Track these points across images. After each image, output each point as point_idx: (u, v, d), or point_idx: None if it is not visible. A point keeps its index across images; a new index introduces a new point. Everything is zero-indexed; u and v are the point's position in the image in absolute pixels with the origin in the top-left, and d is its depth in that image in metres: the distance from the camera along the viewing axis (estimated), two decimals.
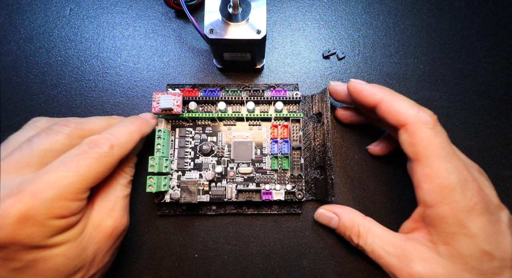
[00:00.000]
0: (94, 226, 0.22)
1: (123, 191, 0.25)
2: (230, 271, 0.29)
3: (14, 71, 0.32)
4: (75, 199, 0.20)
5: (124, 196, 0.25)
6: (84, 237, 0.21)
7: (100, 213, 0.23)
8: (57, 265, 0.19)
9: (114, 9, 0.34)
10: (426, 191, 0.22)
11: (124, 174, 0.25)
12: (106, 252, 0.23)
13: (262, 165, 0.30)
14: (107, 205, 0.23)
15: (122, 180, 0.25)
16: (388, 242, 0.24)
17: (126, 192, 0.25)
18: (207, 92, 0.30)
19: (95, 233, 0.22)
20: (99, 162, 0.21)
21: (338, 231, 0.27)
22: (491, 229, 0.21)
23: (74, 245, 0.20)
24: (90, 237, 0.21)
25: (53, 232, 0.19)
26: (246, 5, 0.26)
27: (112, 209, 0.23)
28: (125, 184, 0.25)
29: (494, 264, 0.20)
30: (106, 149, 0.21)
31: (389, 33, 0.34)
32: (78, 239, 0.20)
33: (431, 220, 0.22)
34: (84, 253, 0.21)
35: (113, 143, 0.22)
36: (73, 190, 0.19)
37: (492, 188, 0.24)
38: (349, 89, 0.26)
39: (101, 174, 0.21)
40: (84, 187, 0.20)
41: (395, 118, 0.23)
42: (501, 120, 0.32)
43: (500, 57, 0.34)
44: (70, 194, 0.19)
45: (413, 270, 0.22)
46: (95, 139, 0.22)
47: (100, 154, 0.21)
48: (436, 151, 0.21)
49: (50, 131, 0.22)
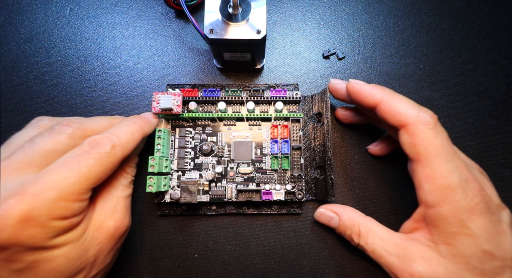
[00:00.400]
0: (96, 227, 0.22)
1: (124, 191, 0.24)
2: (230, 271, 0.29)
3: (14, 71, 0.32)
4: (76, 199, 0.20)
5: (125, 196, 0.24)
6: (86, 238, 0.21)
7: (102, 214, 0.23)
8: (58, 266, 0.19)
9: (114, 9, 0.34)
10: (427, 191, 0.22)
11: (125, 174, 0.25)
12: (108, 253, 0.23)
13: (262, 165, 0.30)
14: (109, 205, 0.23)
15: (124, 180, 0.25)
16: (389, 241, 0.24)
17: (127, 192, 0.25)
18: (207, 92, 0.30)
19: (97, 234, 0.22)
20: (101, 162, 0.21)
21: (338, 230, 0.27)
22: (492, 228, 0.21)
23: (76, 246, 0.20)
24: (92, 238, 0.21)
25: (54, 233, 0.19)
26: (246, 5, 0.26)
27: (114, 209, 0.23)
28: (126, 184, 0.25)
29: (495, 264, 0.20)
30: (107, 149, 0.21)
31: (389, 33, 0.34)
32: (80, 240, 0.20)
33: (432, 220, 0.22)
34: (85, 254, 0.21)
35: (114, 143, 0.22)
36: (75, 191, 0.19)
37: (493, 188, 0.24)
38: (348, 90, 0.26)
39: (102, 174, 0.21)
40: (85, 187, 0.20)
41: (395, 119, 0.23)
42: (501, 120, 0.32)
43: (500, 57, 0.34)
44: (72, 195, 0.19)
45: (414, 269, 0.22)
46: (97, 138, 0.22)
47: (102, 154, 0.21)
48: (437, 151, 0.21)
49: (53, 132, 0.22)
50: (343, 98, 0.28)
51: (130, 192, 0.25)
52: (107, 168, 0.21)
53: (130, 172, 0.26)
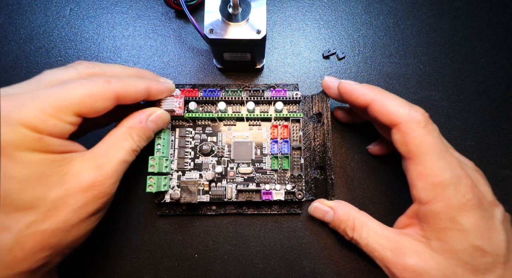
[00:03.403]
0: (72, 172, 0.19)
1: (122, 154, 0.22)
2: (230, 271, 0.29)
3: (14, 71, 0.32)
4: (54, 116, 0.19)
5: (121, 160, 0.22)
6: (53, 171, 0.19)
7: (86, 164, 0.20)
8: (7, 184, 0.17)
9: (114, 9, 0.34)
10: (420, 189, 0.22)
11: (130, 138, 0.23)
12: (72, 209, 0.19)
13: (262, 165, 0.30)
14: (98, 159, 0.21)
15: (126, 143, 0.23)
16: (382, 235, 0.24)
17: (125, 157, 0.22)
18: (207, 92, 0.30)
19: (69, 178, 0.19)
20: (90, 87, 0.20)
21: (332, 224, 0.27)
22: (483, 225, 0.21)
23: (37, 170, 0.18)
24: (59, 177, 0.19)
25: (23, 142, 0.18)
26: (246, 5, 0.26)
27: (101, 165, 0.21)
28: (127, 149, 0.23)
29: (487, 260, 0.21)
30: (101, 80, 0.21)
31: (389, 33, 0.34)
32: (44, 167, 0.18)
33: (424, 217, 0.22)
34: (44, 187, 0.18)
35: (110, 79, 0.21)
36: (55, 106, 0.19)
37: (486, 185, 0.24)
38: (340, 90, 0.26)
39: (88, 100, 0.20)
40: (68, 105, 0.19)
41: (387, 118, 0.23)
42: (501, 120, 0.32)
43: (500, 57, 0.34)
44: (51, 109, 0.19)
45: (406, 263, 0.22)
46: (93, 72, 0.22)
47: (94, 82, 0.21)
48: (429, 149, 0.22)
49: (66, 66, 0.22)
50: (336, 96, 0.28)
51: (127, 158, 0.22)
52: (96, 95, 0.20)
53: (137, 140, 0.23)
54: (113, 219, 0.29)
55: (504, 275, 0.21)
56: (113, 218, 0.29)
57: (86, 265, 0.28)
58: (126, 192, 0.30)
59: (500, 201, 0.23)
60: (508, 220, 0.23)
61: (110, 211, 0.30)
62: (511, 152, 0.31)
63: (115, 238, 0.29)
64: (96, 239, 0.29)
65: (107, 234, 0.29)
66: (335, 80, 0.28)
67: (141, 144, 0.24)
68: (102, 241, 0.29)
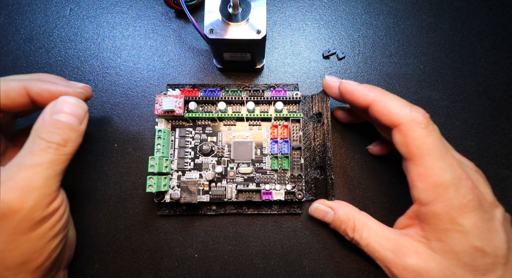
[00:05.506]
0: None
1: (30, 158, 0.20)
2: (230, 271, 0.29)
3: (14, 71, 0.32)
4: None
5: (31, 165, 0.19)
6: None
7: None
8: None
9: (114, 9, 0.34)
10: (420, 190, 0.22)
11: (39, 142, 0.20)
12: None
13: (262, 165, 0.30)
14: (6, 172, 0.19)
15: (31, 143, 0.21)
16: (382, 236, 0.24)
17: (33, 160, 0.19)
18: (207, 92, 0.30)
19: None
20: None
21: (333, 225, 0.27)
22: (484, 226, 0.21)
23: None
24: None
25: None
26: (246, 5, 0.26)
27: (10, 177, 0.19)
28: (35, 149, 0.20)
29: (487, 261, 0.21)
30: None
31: (389, 33, 0.34)
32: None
33: (425, 218, 0.22)
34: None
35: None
36: None
37: (487, 186, 0.24)
38: (341, 91, 0.26)
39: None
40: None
41: (387, 119, 0.23)
42: (501, 120, 0.32)
43: (500, 57, 0.34)
44: None
45: (407, 263, 0.22)
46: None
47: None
48: (430, 150, 0.22)
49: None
50: (336, 96, 0.28)
51: (41, 160, 0.20)
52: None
53: (47, 137, 0.21)
54: (113, 219, 0.29)
55: (504, 276, 0.21)
56: (113, 218, 0.29)
57: (86, 265, 0.28)
58: (126, 192, 0.30)
59: (500, 201, 0.23)
60: (508, 221, 0.23)
61: (110, 211, 0.30)
62: (511, 152, 0.31)
63: (115, 238, 0.29)
64: (96, 239, 0.29)
65: (107, 234, 0.29)
66: (336, 79, 0.28)
67: (56, 138, 0.21)
68: (102, 241, 0.29)
